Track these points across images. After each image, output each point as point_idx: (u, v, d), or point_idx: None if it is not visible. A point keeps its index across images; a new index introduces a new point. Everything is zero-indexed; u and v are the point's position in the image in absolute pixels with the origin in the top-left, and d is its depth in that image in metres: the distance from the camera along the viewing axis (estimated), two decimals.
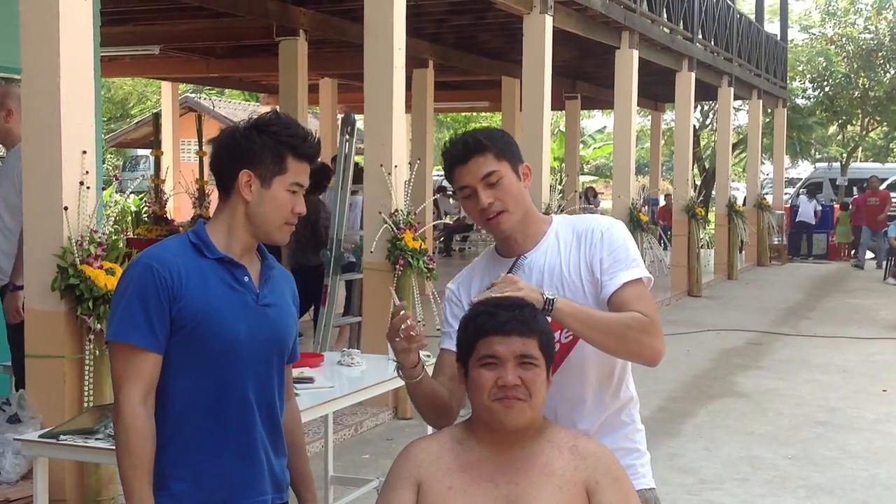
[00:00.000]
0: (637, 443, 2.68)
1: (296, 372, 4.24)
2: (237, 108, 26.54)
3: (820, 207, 22.40)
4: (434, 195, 13.81)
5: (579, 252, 2.58)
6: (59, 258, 4.44)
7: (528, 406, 2.29)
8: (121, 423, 2.27)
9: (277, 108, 12.17)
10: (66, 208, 4.44)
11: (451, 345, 2.61)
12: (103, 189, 5.73)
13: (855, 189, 22.18)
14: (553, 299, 2.39)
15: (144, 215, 11.38)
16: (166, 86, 19.25)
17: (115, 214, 4.92)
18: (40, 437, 3.58)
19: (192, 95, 26.36)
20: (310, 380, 4.33)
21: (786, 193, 24.15)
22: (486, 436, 2.34)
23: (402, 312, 2.39)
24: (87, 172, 4.54)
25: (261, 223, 2.39)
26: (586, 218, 2.69)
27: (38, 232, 4.54)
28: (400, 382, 5.15)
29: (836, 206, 23.02)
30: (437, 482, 2.31)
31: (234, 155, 2.38)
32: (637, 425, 2.70)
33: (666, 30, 13.92)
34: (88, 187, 4.54)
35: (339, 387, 4.42)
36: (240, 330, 2.35)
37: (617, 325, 2.45)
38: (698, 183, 24.91)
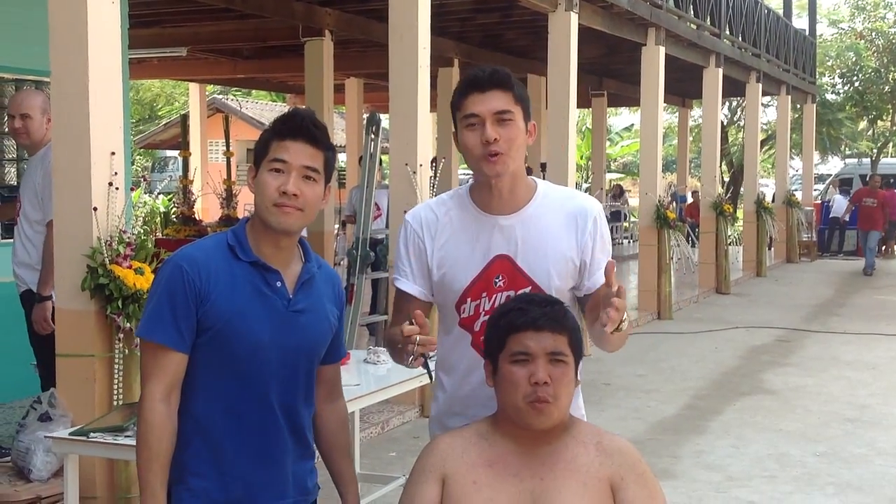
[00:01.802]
0: (582, 406, 2.66)
1: None
2: (264, 108, 26.68)
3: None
4: None
5: (573, 233, 2.56)
6: (89, 258, 4.49)
7: (555, 408, 2.29)
8: (140, 418, 2.32)
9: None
10: (95, 209, 4.49)
11: (409, 286, 2.62)
12: (132, 190, 5.78)
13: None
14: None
15: (173, 216, 11.48)
16: (194, 87, 19.38)
17: (143, 215, 4.96)
18: (70, 434, 3.63)
19: (220, 96, 26.52)
20: None
21: (815, 189, 23.95)
22: (512, 431, 2.35)
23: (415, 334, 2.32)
24: (115, 173, 4.59)
25: (258, 211, 2.38)
26: (573, 195, 2.66)
27: (68, 232, 4.59)
28: (427, 381, 5.18)
29: None
30: (462, 476, 2.33)
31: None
32: (579, 386, 2.70)
33: (693, 26, 13.85)
34: (117, 188, 4.59)
35: (366, 385, 4.44)
36: (263, 335, 2.35)
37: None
38: (726, 179, 24.81)
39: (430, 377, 2.65)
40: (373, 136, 7.75)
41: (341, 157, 21.39)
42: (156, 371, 2.32)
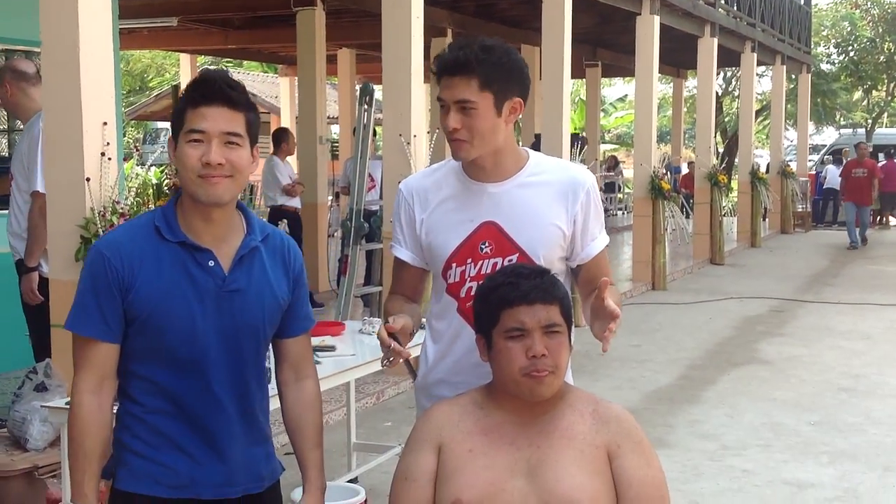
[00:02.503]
0: (570, 374, 2.63)
1: (317, 340, 4.26)
2: (255, 79, 26.50)
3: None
4: None
5: (565, 203, 2.55)
6: (83, 229, 4.47)
7: (554, 378, 2.29)
8: (69, 412, 2.24)
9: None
10: (88, 179, 4.46)
11: (404, 253, 2.66)
12: (124, 161, 5.75)
13: (881, 155, 21.70)
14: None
15: (165, 187, 11.42)
16: (185, 58, 19.26)
17: (136, 186, 4.92)
18: (67, 404, 3.61)
19: (211, 67, 26.36)
20: (332, 348, 4.36)
21: (809, 160, 23.94)
22: (508, 401, 2.34)
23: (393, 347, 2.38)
24: (108, 143, 4.56)
25: (184, 186, 2.26)
26: (566, 166, 2.66)
27: (61, 203, 4.57)
28: (419, 352, 5.18)
29: None
30: (458, 444, 2.32)
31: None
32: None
33: None
34: (110, 158, 4.56)
35: (361, 355, 4.43)
36: (195, 320, 2.23)
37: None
38: (721, 150, 24.79)
39: (413, 376, 2.73)
40: (366, 107, 7.72)
41: (334, 129, 21.30)
42: (84, 364, 2.23)
